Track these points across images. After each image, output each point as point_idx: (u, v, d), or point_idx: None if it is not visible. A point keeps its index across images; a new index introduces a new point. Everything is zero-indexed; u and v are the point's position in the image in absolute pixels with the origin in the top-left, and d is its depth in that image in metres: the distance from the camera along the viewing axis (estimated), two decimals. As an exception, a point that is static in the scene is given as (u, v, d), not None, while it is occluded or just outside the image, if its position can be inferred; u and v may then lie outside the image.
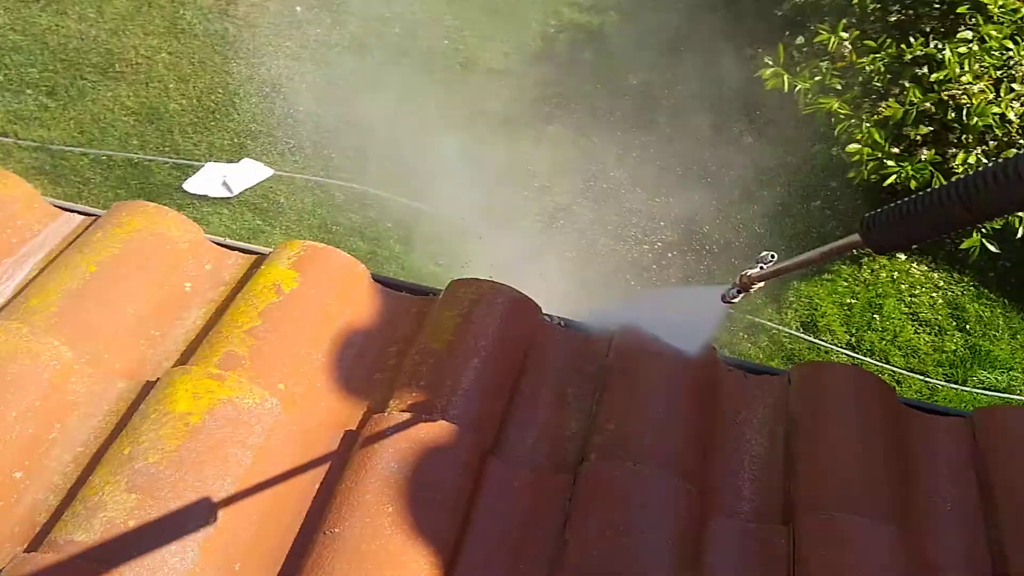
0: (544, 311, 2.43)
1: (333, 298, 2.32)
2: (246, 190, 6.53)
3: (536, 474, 2.02)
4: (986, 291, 6.38)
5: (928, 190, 1.25)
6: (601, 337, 2.38)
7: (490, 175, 6.60)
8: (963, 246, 5.80)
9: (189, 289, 2.39)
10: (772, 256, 1.74)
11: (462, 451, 1.97)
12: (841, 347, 6.04)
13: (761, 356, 5.97)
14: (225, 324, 2.20)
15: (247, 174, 6.57)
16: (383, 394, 2.17)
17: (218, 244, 2.56)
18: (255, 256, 2.50)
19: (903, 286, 6.30)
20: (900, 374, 5.95)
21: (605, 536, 1.84)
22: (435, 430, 1.98)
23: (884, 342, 6.08)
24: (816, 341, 6.05)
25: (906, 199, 1.29)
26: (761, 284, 1.77)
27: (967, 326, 6.20)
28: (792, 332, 6.09)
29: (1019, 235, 5.70)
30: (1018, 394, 6.09)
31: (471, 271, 6.17)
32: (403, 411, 2.03)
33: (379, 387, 2.21)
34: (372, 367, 2.26)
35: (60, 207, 2.56)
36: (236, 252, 2.54)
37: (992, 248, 5.75)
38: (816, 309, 6.20)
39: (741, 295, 1.81)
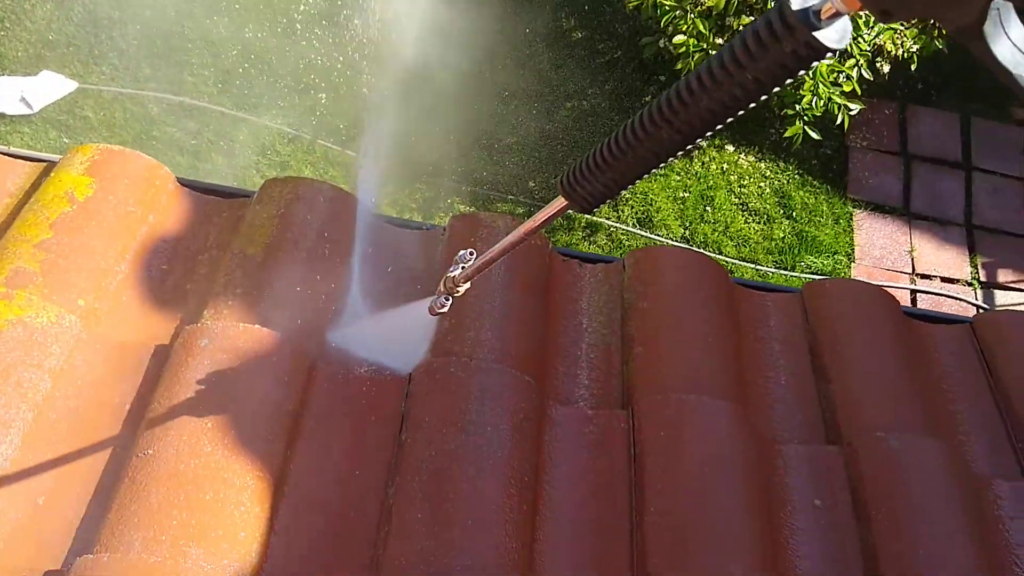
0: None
1: (134, 204, 2.11)
2: (48, 106, 5.99)
3: (367, 378, 1.91)
4: (810, 178, 6.60)
5: (625, 124, 1.07)
6: (433, 233, 2.27)
7: (311, 79, 6.28)
8: (787, 134, 5.96)
9: (-33, 203, 2.13)
10: (471, 253, 1.62)
11: (286, 359, 1.83)
12: (676, 240, 6.15)
13: (601, 254, 6.00)
14: (11, 239, 1.96)
15: (48, 88, 6.02)
16: (197, 305, 2.00)
17: (3, 154, 2.29)
18: (44, 164, 2.25)
19: (732, 177, 6.45)
20: (733, 264, 6.13)
21: (442, 434, 1.76)
22: (255, 338, 1.84)
23: (717, 233, 6.22)
24: (652, 236, 6.13)
25: (602, 142, 1.11)
26: (468, 285, 1.65)
27: (793, 213, 6.41)
28: (629, 229, 6.15)
29: (838, 122, 5.89)
30: (843, 276, 6.38)
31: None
32: (219, 321, 1.88)
33: (192, 297, 2.04)
34: (183, 277, 2.08)
35: None
36: (22, 161, 2.28)
37: (814, 135, 5.93)
38: (651, 204, 6.27)
39: (449, 301, 1.68)
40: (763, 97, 0.93)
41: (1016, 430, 2.18)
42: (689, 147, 1.02)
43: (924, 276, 6.49)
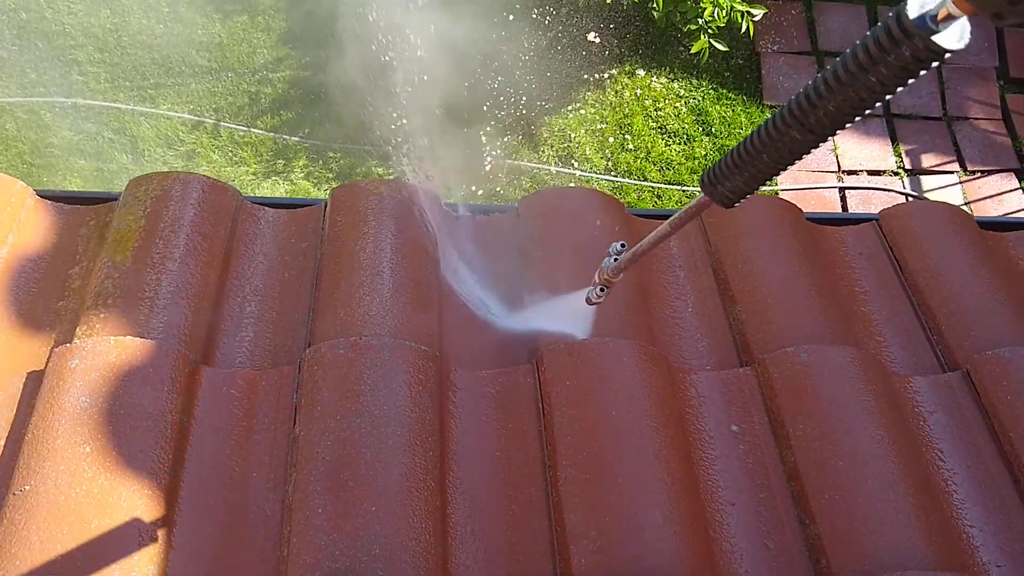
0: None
1: (-11, 226, 1.99)
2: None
3: (256, 374, 1.83)
4: (724, 91, 6.54)
5: (761, 125, 1.13)
6: (312, 209, 2.18)
7: (204, 62, 6.08)
8: (693, 50, 5.89)
9: None
10: (623, 245, 1.66)
11: (165, 367, 1.74)
12: (600, 173, 6.09)
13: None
14: None
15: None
16: (70, 323, 1.90)
17: None
18: None
19: (647, 102, 6.37)
20: (659, 188, 6.09)
21: (337, 421, 1.68)
22: (130, 351, 1.74)
23: (639, 160, 6.17)
24: (575, 172, 6.06)
25: (740, 143, 1.17)
26: (621, 276, 1.68)
27: (712, 129, 6.37)
28: (551, 168, 6.07)
29: (743, 30, 5.83)
30: (769, 184, 6.37)
31: (211, 165, 5.75)
32: (90, 337, 1.78)
33: (64, 316, 1.93)
34: (53, 295, 1.98)
35: None
36: None
37: (721, 47, 5.87)
38: (571, 141, 6.19)
39: (605, 292, 1.72)
40: (888, 96, 0.96)
41: (930, 322, 2.16)
42: (821, 142, 1.07)
43: (850, 172, 6.50)
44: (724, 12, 5.66)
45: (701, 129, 6.41)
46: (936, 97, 6.80)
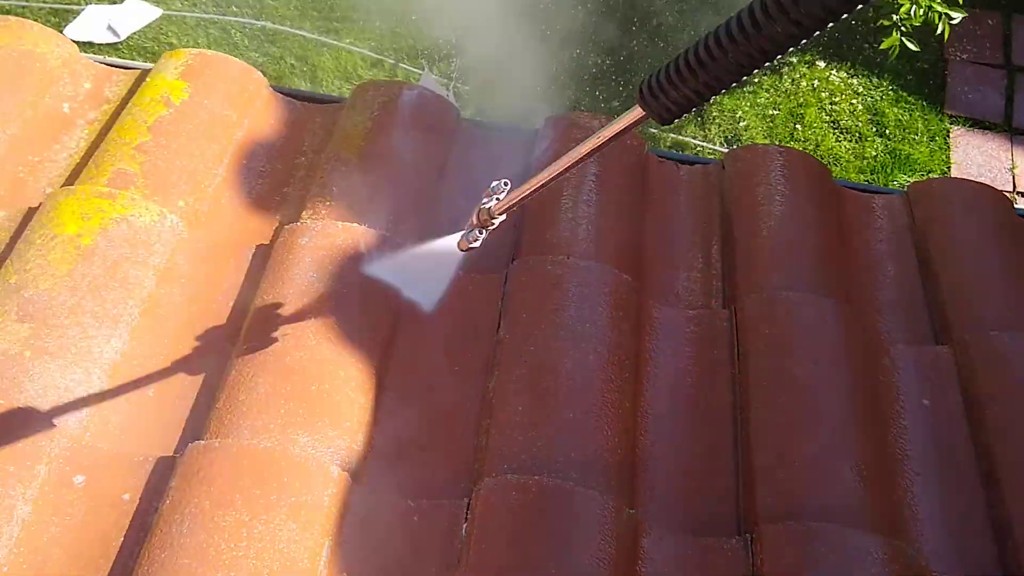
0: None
1: (230, 108, 2.11)
2: (134, 33, 6.05)
3: (464, 275, 1.90)
4: (904, 94, 6.33)
5: (718, 28, 0.97)
6: (526, 135, 2.23)
7: (392, 3, 6.22)
8: (883, 47, 5.70)
9: (68, 110, 2.16)
10: (505, 183, 1.49)
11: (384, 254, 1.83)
12: (764, 160, 5.99)
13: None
14: (111, 142, 1.99)
15: (134, 15, 6.07)
16: (295, 207, 2.01)
17: (98, 62, 2.32)
18: (139, 72, 2.27)
19: (823, 94, 6.22)
20: (822, 183, 5.95)
21: (541, 329, 1.74)
22: (354, 236, 1.84)
23: (807, 152, 6.04)
24: (739, 155, 5.98)
25: (690, 48, 1.01)
26: (503, 217, 1.50)
27: (887, 131, 6.18)
28: (716, 148, 6.01)
29: (938, 32, 5.62)
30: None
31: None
32: (318, 220, 1.88)
33: (290, 200, 2.04)
34: (280, 180, 2.09)
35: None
36: (118, 69, 2.30)
37: (912, 47, 5.67)
38: (739, 123, 6.10)
39: (482, 234, 1.54)
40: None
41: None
42: (781, 57, 0.94)
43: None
44: (921, 11, 5.46)
45: (875, 129, 6.22)
46: None
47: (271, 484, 1.46)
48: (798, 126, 6.13)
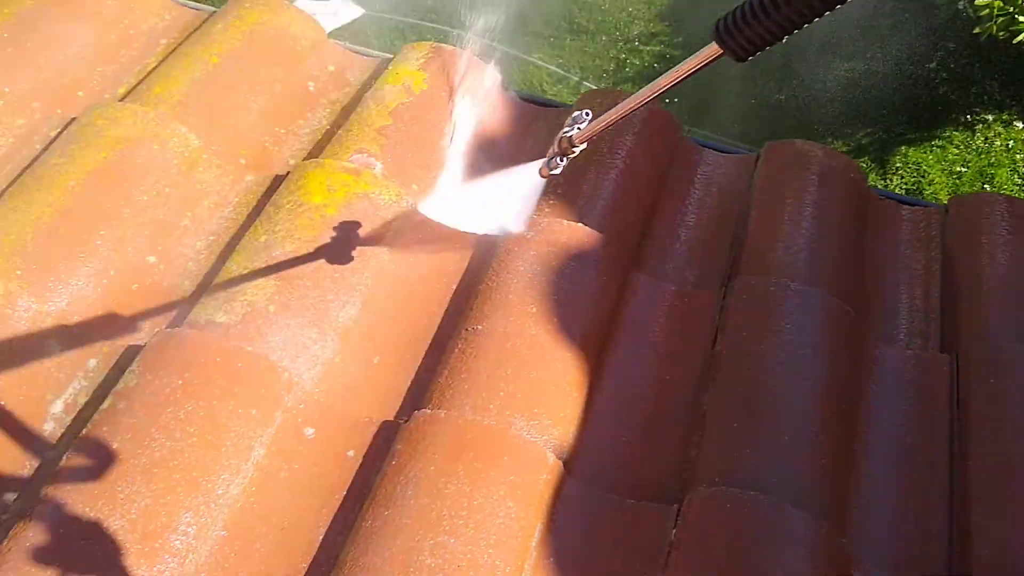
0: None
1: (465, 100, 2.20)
2: (336, 29, 6.35)
3: (681, 288, 1.91)
4: (1105, 165, 6.01)
5: None
6: (746, 158, 2.24)
7: (583, 21, 6.31)
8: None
9: (313, 89, 2.29)
10: (587, 113, 1.49)
11: (605, 258, 1.87)
12: (946, 217, 5.78)
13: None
14: (354, 122, 2.10)
15: (337, 12, 6.37)
16: (517, 202, 2.07)
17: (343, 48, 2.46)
18: (379, 59, 2.38)
19: (1018, 156, 5.96)
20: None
21: (760, 349, 1.74)
22: (577, 235, 1.88)
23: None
24: (921, 209, 5.78)
25: None
26: (584, 146, 1.50)
27: (1082, 200, 5.87)
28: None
29: None
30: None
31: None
32: (542, 217, 1.93)
33: (512, 195, 2.11)
34: (504, 175, 2.16)
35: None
36: (359, 55, 2.43)
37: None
38: (924, 176, 5.91)
39: (563, 162, 1.54)
40: None
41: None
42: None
43: None
44: None
45: (1069, 197, 5.92)
46: None
47: (492, 460, 1.50)
48: (986, 186, 5.89)
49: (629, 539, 1.53)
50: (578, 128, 1.50)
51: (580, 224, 1.89)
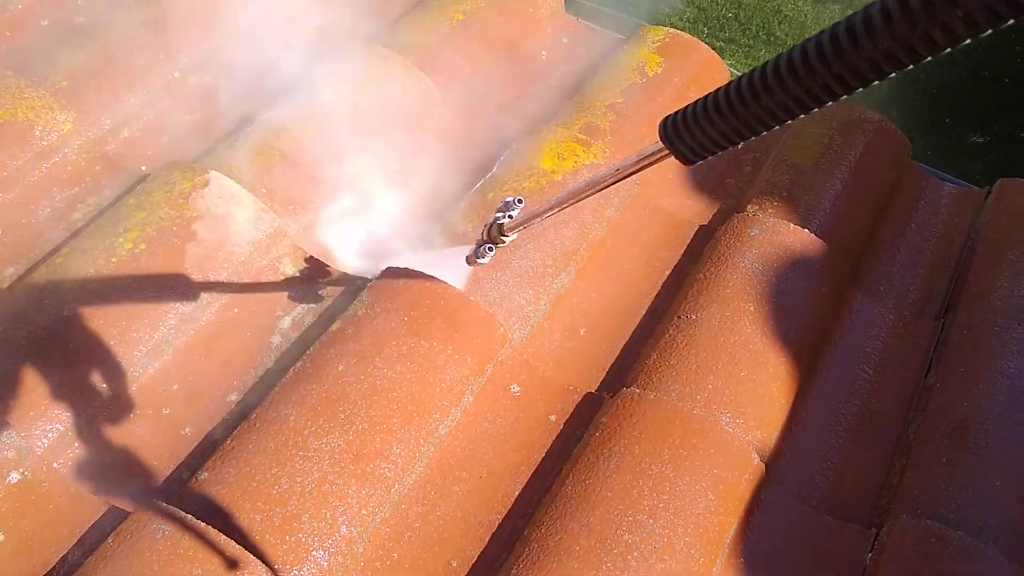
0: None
1: (693, 90, 2.18)
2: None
3: (898, 314, 1.86)
4: None
5: (745, 75, 0.87)
6: (974, 192, 2.15)
7: (780, 33, 6.16)
8: None
9: (545, 58, 2.31)
10: (519, 201, 1.40)
11: (828, 269, 1.83)
12: None
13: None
14: (587, 96, 2.11)
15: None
16: (735, 198, 2.05)
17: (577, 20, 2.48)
18: (615, 38, 2.40)
19: None
20: None
21: (976, 388, 1.67)
22: (802, 241, 1.84)
23: None
24: None
25: (718, 91, 0.91)
26: (514, 235, 1.42)
27: None
28: None
29: None
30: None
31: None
32: (763, 216, 1.90)
33: (731, 191, 2.08)
34: (724, 171, 2.14)
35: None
36: (590, 31, 2.44)
37: None
38: None
39: (491, 252, 1.45)
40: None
41: None
42: (812, 110, 0.84)
43: None
44: None
45: None
46: None
47: (698, 449, 1.50)
48: None
49: (823, 556, 1.50)
50: (509, 216, 1.43)
51: (805, 230, 1.86)
